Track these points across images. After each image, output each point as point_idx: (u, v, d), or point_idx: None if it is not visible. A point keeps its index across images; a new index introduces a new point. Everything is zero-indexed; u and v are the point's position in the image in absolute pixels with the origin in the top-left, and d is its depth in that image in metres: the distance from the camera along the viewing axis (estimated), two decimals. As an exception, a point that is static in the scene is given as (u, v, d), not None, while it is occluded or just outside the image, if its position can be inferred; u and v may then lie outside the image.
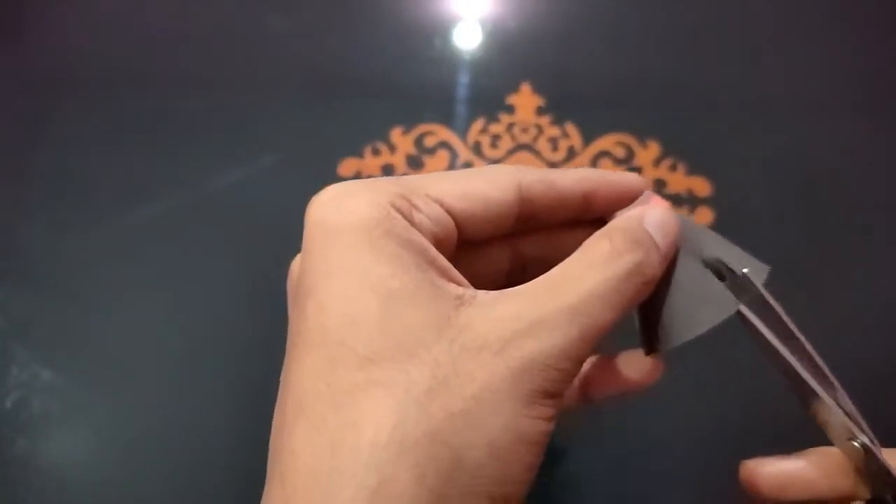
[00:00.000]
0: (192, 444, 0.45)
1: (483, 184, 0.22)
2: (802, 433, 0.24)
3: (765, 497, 0.24)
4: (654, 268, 0.21)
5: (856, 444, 0.22)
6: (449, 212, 0.21)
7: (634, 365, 0.25)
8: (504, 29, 0.56)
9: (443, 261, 0.20)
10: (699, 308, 0.22)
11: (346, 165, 0.52)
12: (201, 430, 0.45)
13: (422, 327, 0.18)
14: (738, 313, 0.22)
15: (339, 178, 0.51)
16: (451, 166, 0.52)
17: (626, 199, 0.24)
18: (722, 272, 0.23)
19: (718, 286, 0.22)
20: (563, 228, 0.25)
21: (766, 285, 0.23)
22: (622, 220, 0.22)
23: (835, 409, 0.22)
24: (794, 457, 0.24)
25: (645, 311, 0.23)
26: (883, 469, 0.22)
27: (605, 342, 0.21)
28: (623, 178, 0.24)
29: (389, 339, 0.18)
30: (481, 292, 0.20)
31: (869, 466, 0.23)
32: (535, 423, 0.18)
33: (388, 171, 0.52)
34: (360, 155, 0.52)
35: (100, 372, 0.47)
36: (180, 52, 0.57)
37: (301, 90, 0.55)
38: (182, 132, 0.54)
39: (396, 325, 0.18)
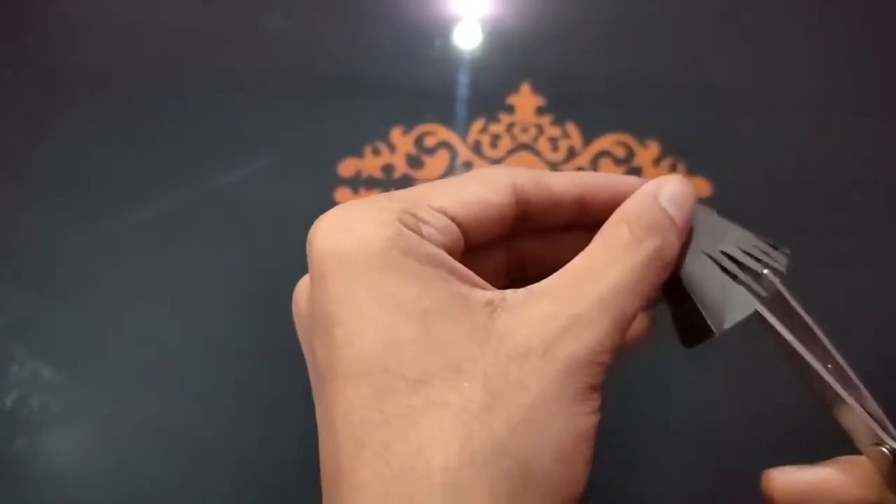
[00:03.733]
0: (191, 443, 0.45)
1: (480, 188, 0.22)
2: (827, 438, 0.23)
3: None
4: (674, 249, 0.21)
5: (884, 449, 0.21)
6: (453, 220, 0.21)
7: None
8: (504, 29, 0.56)
9: (461, 268, 0.20)
10: (722, 303, 0.22)
11: (346, 165, 0.52)
12: (200, 428, 0.45)
13: (463, 341, 0.18)
14: (756, 312, 0.22)
15: (338, 178, 0.51)
16: (451, 166, 0.52)
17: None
18: (740, 265, 0.22)
19: (736, 284, 0.22)
20: (561, 230, 0.24)
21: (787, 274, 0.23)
22: (637, 200, 0.22)
23: (860, 412, 0.21)
24: (817, 466, 0.23)
25: (673, 304, 0.23)
26: None
27: None
28: (622, 181, 0.23)
29: (435, 359, 0.18)
30: (508, 293, 0.20)
31: None
32: (587, 418, 0.19)
33: (388, 170, 0.52)
34: (360, 155, 0.52)
35: (99, 370, 0.47)
36: (180, 53, 0.57)
37: (301, 90, 0.55)
38: (182, 132, 0.54)
39: (439, 344, 0.18)
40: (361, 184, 0.51)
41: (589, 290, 0.19)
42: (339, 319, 0.19)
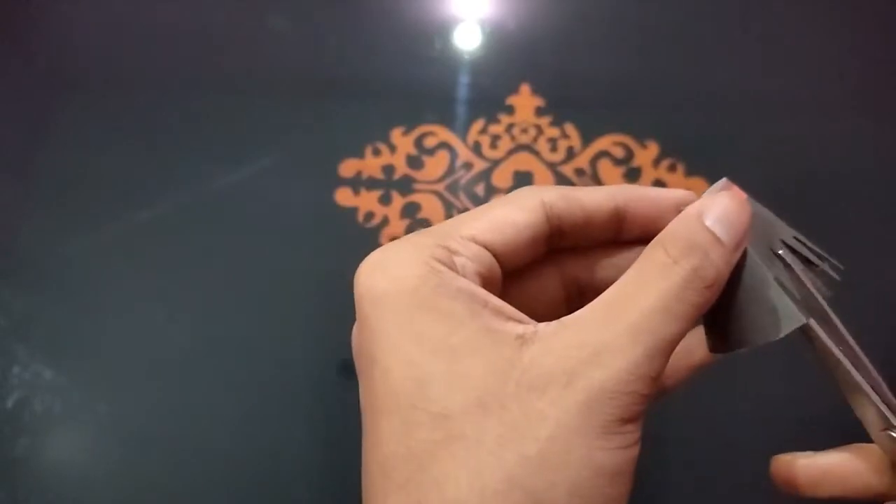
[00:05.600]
0: (191, 443, 0.45)
1: (508, 210, 0.22)
2: (837, 428, 0.23)
3: (797, 492, 0.22)
4: (717, 267, 0.20)
5: (893, 434, 0.21)
6: (485, 246, 0.21)
7: (697, 343, 0.24)
8: (504, 30, 0.56)
9: (495, 301, 0.20)
10: (769, 312, 0.21)
11: (347, 165, 0.52)
12: (201, 428, 0.45)
13: (487, 375, 0.18)
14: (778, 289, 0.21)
15: (339, 178, 0.51)
16: (451, 166, 0.52)
17: (667, 216, 0.22)
18: (791, 268, 0.21)
19: (785, 298, 0.21)
20: (614, 248, 0.24)
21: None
22: (678, 220, 0.21)
23: (872, 396, 0.21)
24: (828, 451, 0.23)
25: (711, 308, 0.21)
26: None
27: None
28: (660, 193, 0.23)
29: (458, 394, 0.18)
30: (542, 325, 0.19)
31: None
32: (613, 454, 0.18)
33: (388, 171, 0.52)
34: (360, 155, 0.52)
35: (101, 371, 0.47)
36: (181, 53, 0.57)
37: (301, 90, 0.55)
38: (182, 132, 0.54)
39: (463, 379, 0.18)
40: (362, 184, 0.51)
41: (620, 316, 0.19)
42: (375, 357, 0.20)
